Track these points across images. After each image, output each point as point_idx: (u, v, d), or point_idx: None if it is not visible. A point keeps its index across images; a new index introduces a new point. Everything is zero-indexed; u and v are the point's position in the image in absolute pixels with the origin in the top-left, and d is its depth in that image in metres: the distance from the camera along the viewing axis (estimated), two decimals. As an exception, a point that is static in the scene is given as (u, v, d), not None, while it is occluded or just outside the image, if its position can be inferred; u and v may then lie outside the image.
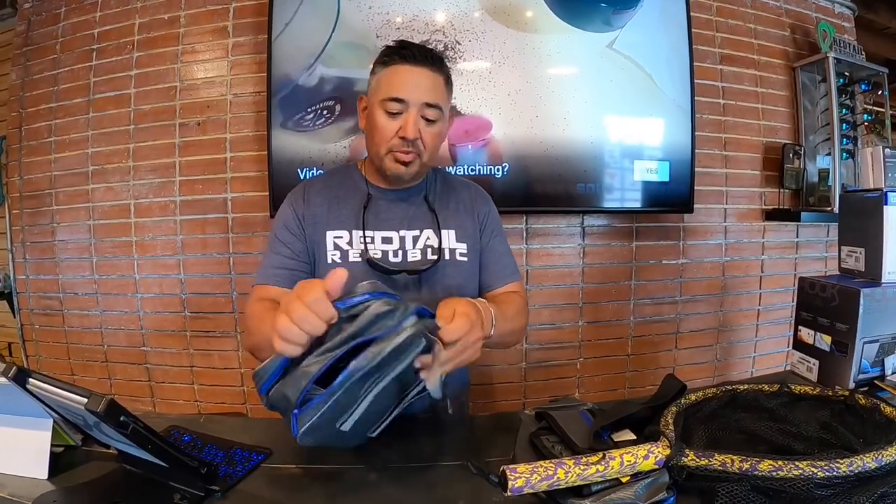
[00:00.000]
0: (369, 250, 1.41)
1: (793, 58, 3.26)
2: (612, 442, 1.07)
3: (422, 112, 1.36)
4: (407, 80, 1.35)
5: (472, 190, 1.63)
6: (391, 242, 1.45)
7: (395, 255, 1.44)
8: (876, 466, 0.83)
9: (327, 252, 1.42)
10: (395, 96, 1.34)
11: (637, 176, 2.79)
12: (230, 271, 2.82)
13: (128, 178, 2.87)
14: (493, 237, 1.56)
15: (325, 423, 0.93)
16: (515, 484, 0.83)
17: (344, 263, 1.40)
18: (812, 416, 1.07)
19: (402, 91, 1.34)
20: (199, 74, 2.83)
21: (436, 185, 1.57)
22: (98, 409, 0.83)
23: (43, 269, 3.04)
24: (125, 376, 2.98)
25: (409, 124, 1.34)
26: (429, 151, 1.41)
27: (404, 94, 1.34)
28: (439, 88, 1.39)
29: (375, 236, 1.44)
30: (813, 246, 3.34)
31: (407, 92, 1.34)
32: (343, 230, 1.44)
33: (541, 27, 2.68)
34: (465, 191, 1.60)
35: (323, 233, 1.44)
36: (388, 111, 1.36)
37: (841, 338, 1.45)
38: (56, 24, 2.98)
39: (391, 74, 1.37)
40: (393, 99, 1.35)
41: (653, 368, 3.08)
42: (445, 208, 1.52)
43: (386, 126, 1.37)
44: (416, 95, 1.35)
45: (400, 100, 1.34)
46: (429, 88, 1.36)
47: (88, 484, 1.06)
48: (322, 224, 1.45)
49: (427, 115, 1.36)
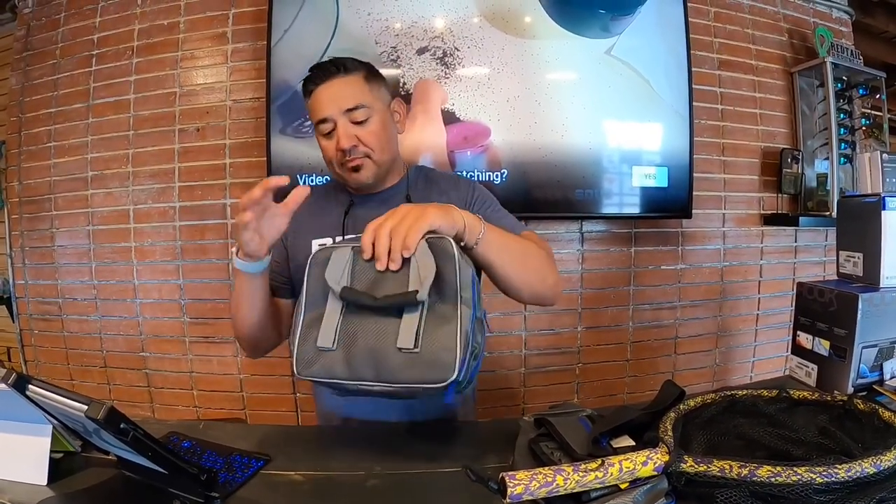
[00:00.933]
0: None
1: (791, 63, 3.27)
2: (611, 448, 1.07)
3: (349, 118, 1.40)
4: (322, 98, 1.41)
5: (454, 179, 1.64)
6: None
7: None
8: (874, 472, 0.83)
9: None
10: (319, 118, 1.41)
11: (635, 181, 2.79)
12: (229, 277, 2.82)
13: (127, 183, 2.87)
14: (486, 209, 1.53)
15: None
16: (514, 491, 0.83)
17: None
18: (811, 422, 1.07)
19: (322, 111, 1.40)
20: (198, 80, 2.83)
21: (418, 182, 1.59)
22: (98, 416, 0.83)
23: (42, 274, 3.04)
24: (124, 382, 2.98)
25: (339, 137, 1.39)
26: (377, 148, 1.44)
27: (325, 112, 1.40)
28: (357, 88, 1.42)
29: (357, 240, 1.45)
30: (811, 251, 3.34)
31: (326, 110, 1.40)
32: (327, 237, 1.48)
33: (539, 33, 2.68)
34: (444, 181, 1.61)
35: (308, 240, 1.48)
36: (323, 134, 1.43)
37: (839, 342, 1.45)
38: (56, 30, 2.99)
39: (312, 102, 1.44)
40: (319, 122, 1.41)
41: (652, 373, 3.08)
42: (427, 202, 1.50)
43: (327, 147, 1.44)
44: (334, 109, 1.39)
45: (324, 119, 1.40)
46: (345, 96, 1.40)
47: (88, 490, 1.06)
48: (307, 232, 1.49)
49: (354, 119, 1.40)
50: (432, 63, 2.63)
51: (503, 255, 1.24)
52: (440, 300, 1.06)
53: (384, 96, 1.49)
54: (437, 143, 2.63)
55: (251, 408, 2.89)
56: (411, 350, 1.02)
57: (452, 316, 1.05)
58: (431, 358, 1.02)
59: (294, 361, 1.10)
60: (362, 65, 1.46)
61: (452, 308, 1.06)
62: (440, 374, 1.02)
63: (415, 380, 1.03)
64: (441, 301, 1.06)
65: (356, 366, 1.05)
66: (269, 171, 2.62)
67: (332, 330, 1.08)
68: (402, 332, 1.04)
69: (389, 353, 1.03)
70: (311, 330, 1.11)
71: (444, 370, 1.02)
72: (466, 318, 1.06)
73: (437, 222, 1.09)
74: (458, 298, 1.06)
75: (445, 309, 1.06)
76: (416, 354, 1.02)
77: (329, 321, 1.09)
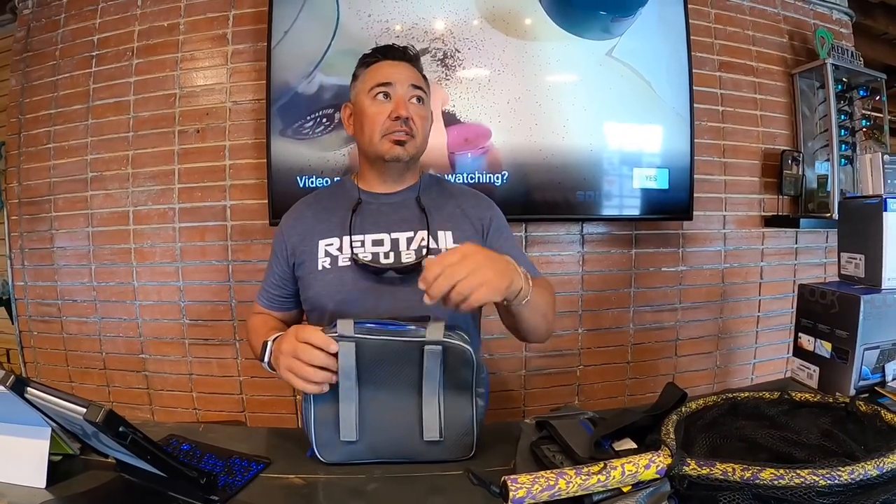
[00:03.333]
0: (358, 255, 1.42)
1: (791, 64, 3.27)
2: (613, 451, 1.06)
3: (410, 93, 1.44)
4: (391, 70, 1.45)
5: (474, 197, 1.62)
6: (382, 244, 1.45)
7: (387, 258, 1.44)
8: (877, 474, 0.83)
9: (318, 260, 1.45)
10: (383, 81, 1.43)
11: (636, 183, 2.79)
12: (229, 279, 2.82)
13: (127, 185, 2.86)
14: (503, 239, 1.53)
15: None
16: (517, 494, 0.82)
17: (334, 268, 1.42)
18: (813, 424, 1.06)
19: (389, 76, 1.43)
20: (198, 82, 2.83)
21: (431, 189, 1.57)
22: (97, 419, 0.83)
23: (41, 275, 3.03)
24: (123, 384, 2.97)
25: (400, 102, 1.42)
26: (422, 133, 1.48)
27: (392, 78, 1.43)
28: (421, 78, 1.50)
29: (366, 239, 1.45)
30: (812, 252, 3.34)
31: (394, 77, 1.44)
32: (334, 237, 1.47)
33: (540, 35, 2.68)
34: (465, 198, 1.59)
35: (315, 242, 1.47)
36: (374, 97, 1.44)
37: (841, 344, 1.45)
38: (56, 31, 2.99)
39: (375, 70, 1.46)
40: (381, 84, 1.43)
41: (653, 376, 3.07)
42: (440, 211, 1.51)
43: (378, 111, 1.43)
44: (403, 78, 1.44)
45: (387, 83, 1.43)
46: (415, 77, 1.47)
47: (87, 493, 1.05)
48: (313, 234, 1.49)
49: (415, 95, 1.45)
50: (433, 64, 2.63)
51: (534, 314, 1.28)
52: (457, 394, 1.17)
53: (429, 99, 1.54)
54: (437, 145, 2.61)
55: (251, 410, 2.88)
56: (437, 440, 1.14)
57: (468, 407, 1.17)
58: (454, 443, 1.16)
59: (315, 448, 1.15)
60: (422, 67, 1.54)
61: (468, 401, 1.17)
62: (462, 453, 1.18)
63: (438, 458, 1.16)
64: (457, 395, 1.17)
65: (381, 452, 1.16)
66: (269, 173, 2.61)
67: (353, 424, 1.13)
68: (427, 425, 1.14)
69: (415, 442, 1.14)
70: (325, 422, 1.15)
71: (465, 449, 1.18)
72: (481, 411, 1.20)
73: (500, 296, 1.09)
74: (472, 394, 1.18)
75: (462, 402, 1.17)
76: (440, 441, 1.15)
77: (347, 413, 1.13)
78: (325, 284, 1.42)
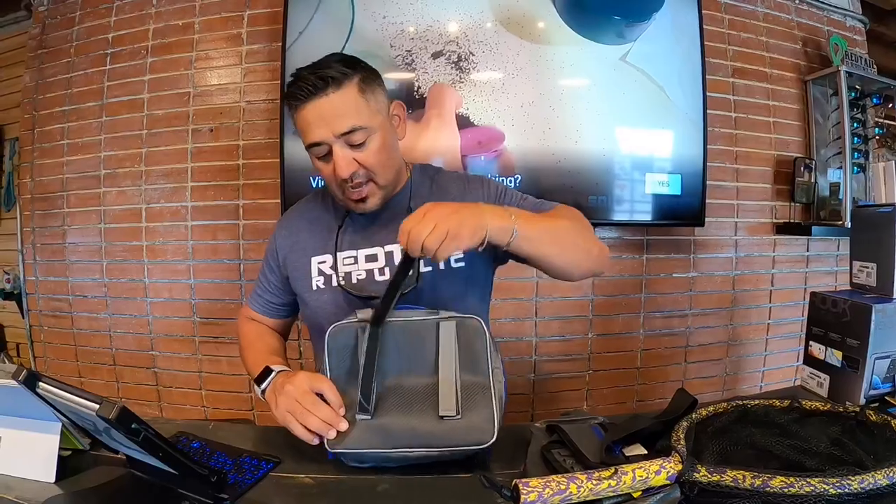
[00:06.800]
0: (352, 273, 1.39)
1: (804, 71, 3.26)
2: (624, 456, 1.06)
3: (346, 141, 1.25)
4: (311, 119, 1.25)
5: (464, 181, 1.51)
6: (376, 259, 1.39)
7: (382, 273, 1.38)
8: (888, 483, 0.83)
9: (312, 280, 1.42)
10: (311, 142, 1.27)
11: (648, 189, 2.78)
12: (240, 278, 2.83)
13: (139, 182, 2.88)
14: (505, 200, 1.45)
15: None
16: (528, 498, 0.82)
17: (328, 288, 1.40)
18: (823, 432, 1.06)
19: (313, 134, 1.25)
20: (212, 81, 2.84)
21: (422, 188, 1.47)
22: (110, 415, 0.83)
23: (53, 270, 3.05)
24: (133, 380, 2.99)
25: (338, 165, 1.25)
26: (380, 169, 1.31)
27: (317, 136, 1.25)
28: (351, 105, 1.25)
29: (358, 255, 1.40)
30: (823, 260, 3.32)
31: (318, 133, 1.25)
32: (326, 254, 1.43)
33: (554, 39, 2.68)
34: (454, 186, 1.49)
35: (308, 258, 1.44)
36: (317, 157, 1.30)
37: (852, 353, 1.44)
38: (71, 28, 3.01)
39: (299, 120, 1.28)
40: (312, 145, 1.28)
41: (662, 382, 3.07)
42: None
43: (324, 170, 1.31)
44: (326, 132, 1.24)
45: (317, 143, 1.26)
46: (337, 116, 1.24)
47: (96, 489, 1.06)
48: (305, 250, 1.46)
49: (351, 142, 1.25)
50: (447, 67, 2.63)
51: (542, 246, 1.20)
52: (473, 370, 1.14)
53: (382, 105, 1.33)
54: (451, 148, 2.62)
55: (259, 408, 2.88)
56: (454, 417, 1.08)
57: (486, 384, 1.13)
58: (472, 424, 1.09)
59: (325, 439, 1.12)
60: (353, 70, 1.28)
61: (485, 377, 1.13)
62: (481, 438, 1.08)
63: (456, 443, 1.09)
64: (474, 371, 1.14)
65: (395, 433, 1.09)
66: (282, 173, 2.61)
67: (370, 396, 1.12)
68: (443, 400, 1.10)
69: (430, 420, 1.09)
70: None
71: (484, 434, 1.08)
72: (500, 384, 1.15)
73: (471, 241, 1.05)
74: (489, 367, 1.14)
75: (479, 379, 1.13)
76: (458, 420, 1.09)
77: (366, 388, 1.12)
78: (321, 304, 1.40)
